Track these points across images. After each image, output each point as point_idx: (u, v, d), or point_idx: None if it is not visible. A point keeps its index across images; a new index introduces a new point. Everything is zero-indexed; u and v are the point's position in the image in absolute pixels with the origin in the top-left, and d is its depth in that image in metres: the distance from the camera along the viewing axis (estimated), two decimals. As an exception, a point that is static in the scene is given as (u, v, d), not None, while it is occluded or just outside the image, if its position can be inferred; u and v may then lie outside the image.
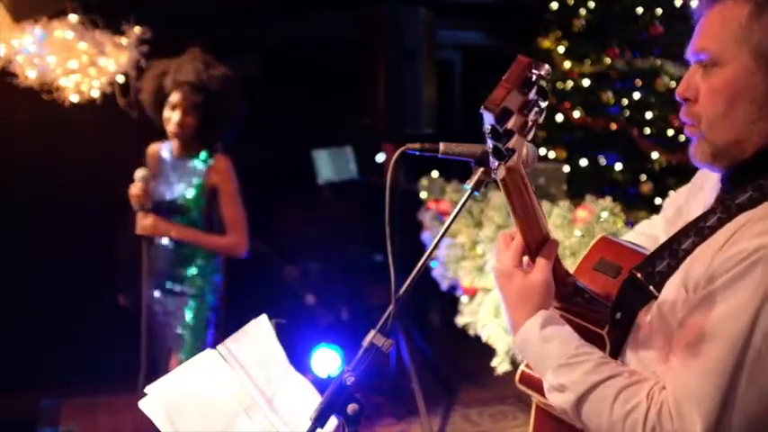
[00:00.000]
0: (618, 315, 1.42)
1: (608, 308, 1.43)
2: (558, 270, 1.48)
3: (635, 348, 1.40)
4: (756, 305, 1.23)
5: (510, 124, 1.20)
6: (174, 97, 3.42)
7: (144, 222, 3.37)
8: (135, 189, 3.37)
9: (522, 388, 1.59)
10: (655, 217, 1.86)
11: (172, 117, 3.43)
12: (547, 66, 1.20)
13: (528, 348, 1.41)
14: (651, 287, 1.37)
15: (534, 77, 1.18)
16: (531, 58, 1.20)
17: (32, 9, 4.01)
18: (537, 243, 1.42)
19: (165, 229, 3.41)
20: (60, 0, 4.08)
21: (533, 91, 1.19)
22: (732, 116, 1.33)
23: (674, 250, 1.38)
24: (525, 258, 1.49)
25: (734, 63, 1.32)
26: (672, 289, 1.35)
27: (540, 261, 1.42)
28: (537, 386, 1.50)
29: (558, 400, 1.36)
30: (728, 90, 1.33)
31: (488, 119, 1.19)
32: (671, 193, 1.87)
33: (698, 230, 1.36)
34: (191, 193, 3.47)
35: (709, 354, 1.24)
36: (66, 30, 4.15)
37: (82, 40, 4.17)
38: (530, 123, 1.21)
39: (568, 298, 1.51)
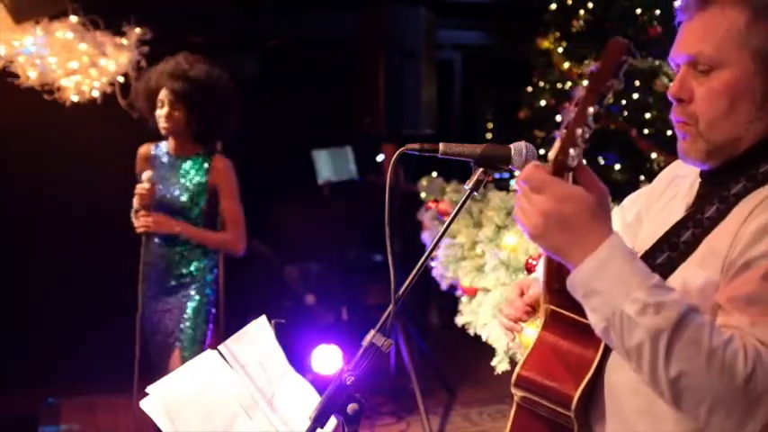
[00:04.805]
0: None
1: None
2: (561, 268, 1.40)
3: None
4: None
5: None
6: (161, 94, 3.43)
7: (147, 220, 3.39)
8: (141, 189, 3.39)
9: (518, 392, 1.53)
10: None
11: (161, 113, 3.44)
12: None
13: (610, 266, 1.25)
14: None
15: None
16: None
17: (33, 10, 4.02)
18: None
19: (169, 225, 3.42)
20: (61, 1, 4.09)
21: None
22: (733, 116, 1.39)
23: (674, 243, 1.43)
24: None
25: (735, 66, 1.38)
26: (692, 275, 1.38)
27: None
28: (537, 388, 1.48)
29: (654, 321, 1.23)
30: (730, 91, 1.38)
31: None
32: (629, 198, 1.84)
33: (696, 222, 1.42)
34: (191, 192, 3.49)
35: None
36: (67, 30, 4.16)
37: (83, 41, 4.19)
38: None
39: (564, 296, 1.43)
